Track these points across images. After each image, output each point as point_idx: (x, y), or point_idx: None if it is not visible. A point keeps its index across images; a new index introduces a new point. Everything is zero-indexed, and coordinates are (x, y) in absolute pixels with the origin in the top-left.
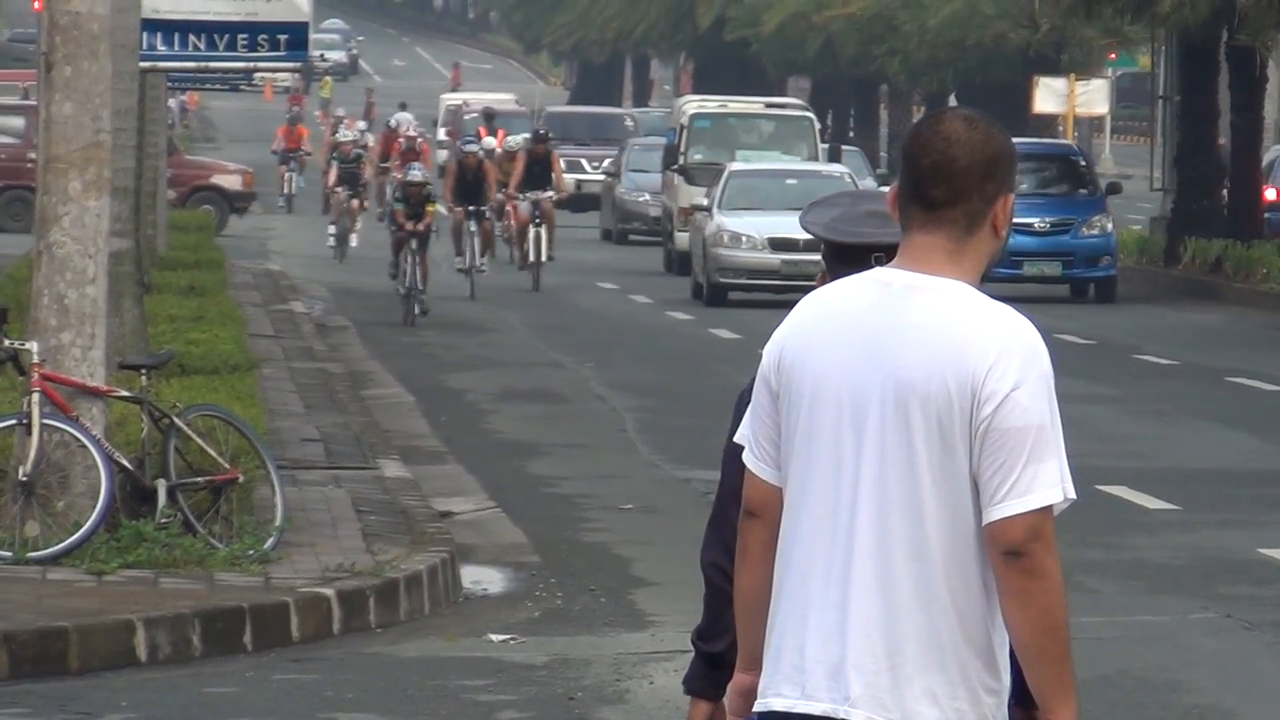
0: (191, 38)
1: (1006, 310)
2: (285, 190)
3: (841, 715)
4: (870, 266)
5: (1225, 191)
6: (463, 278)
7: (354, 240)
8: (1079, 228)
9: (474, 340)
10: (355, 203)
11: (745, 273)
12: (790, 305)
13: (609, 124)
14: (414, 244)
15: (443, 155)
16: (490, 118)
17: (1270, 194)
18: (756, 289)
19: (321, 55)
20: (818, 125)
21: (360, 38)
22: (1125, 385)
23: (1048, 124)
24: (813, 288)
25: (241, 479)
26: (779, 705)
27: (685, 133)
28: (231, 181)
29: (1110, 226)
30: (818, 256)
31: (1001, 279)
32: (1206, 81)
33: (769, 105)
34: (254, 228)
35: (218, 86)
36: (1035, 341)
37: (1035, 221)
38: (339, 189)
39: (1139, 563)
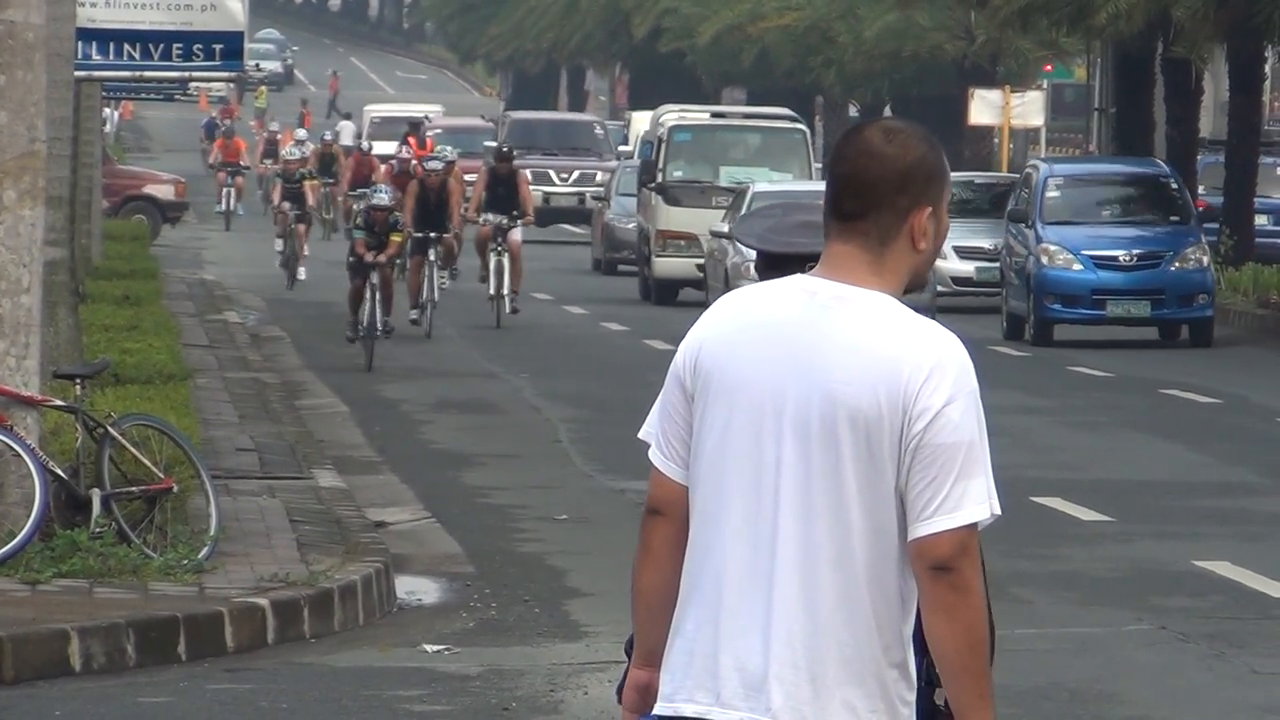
0: (126, 47)
1: (935, 326)
2: (224, 206)
3: None
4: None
5: None
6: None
7: (302, 273)
8: (1170, 261)
9: (409, 350)
10: (302, 227)
11: None
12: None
13: (578, 132)
14: (374, 278)
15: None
16: (416, 126)
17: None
18: None
19: (257, 65)
20: (810, 138)
21: (295, 47)
22: (1057, 396)
23: (983, 136)
24: None
25: (176, 489)
26: (690, 711)
27: (664, 147)
28: (164, 191)
29: (1207, 260)
30: None
31: (1083, 320)
32: (1142, 94)
33: (756, 116)
34: (188, 237)
35: (153, 96)
36: (965, 358)
37: (1120, 255)
38: (284, 205)
39: (1073, 574)
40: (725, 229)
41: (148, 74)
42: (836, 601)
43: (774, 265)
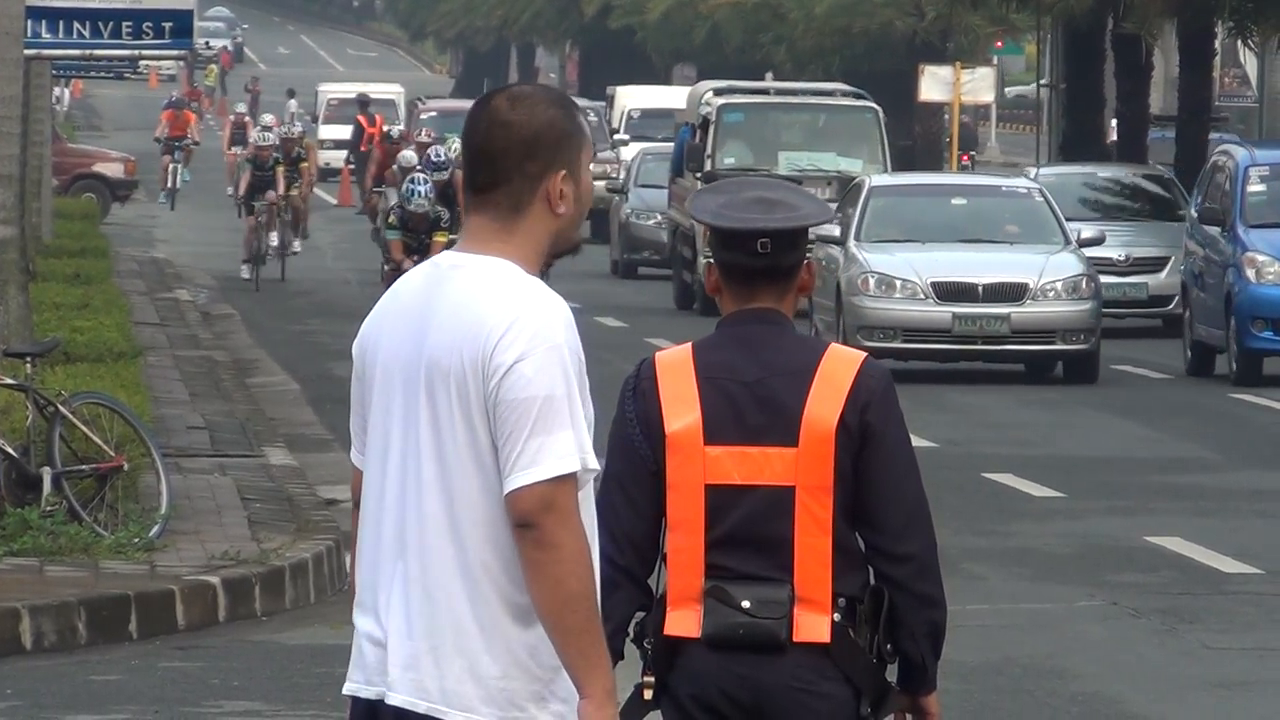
0: (76, 25)
1: (532, 287)
2: (168, 184)
3: (389, 699)
4: (758, 253)
5: None
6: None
7: (298, 245)
8: None
9: (358, 327)
10: (273, 199)
11: (901, 331)
12: (962, 372)
13: None
14: None
15: (329, 157)
16: (365, 105)
17: None
18: (916, 354)
19: (206, 43)
20: (883, 118)
21: (245, 25)
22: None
23: (934, 112)
24: (989, 345)
25: (127, 467)
26: (347, 690)
27: (712, 130)
28: (114, 169)
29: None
30: (1003, 308)
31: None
32: (1092, 69)
33: (818, 93)
34: (138, 215)
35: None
36: (550, 315)
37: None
38: (251, 220)
39: (1025, 550)
40: (836, 232)
41: (97, 52)
42: (452, 569)
43: (727, 243)
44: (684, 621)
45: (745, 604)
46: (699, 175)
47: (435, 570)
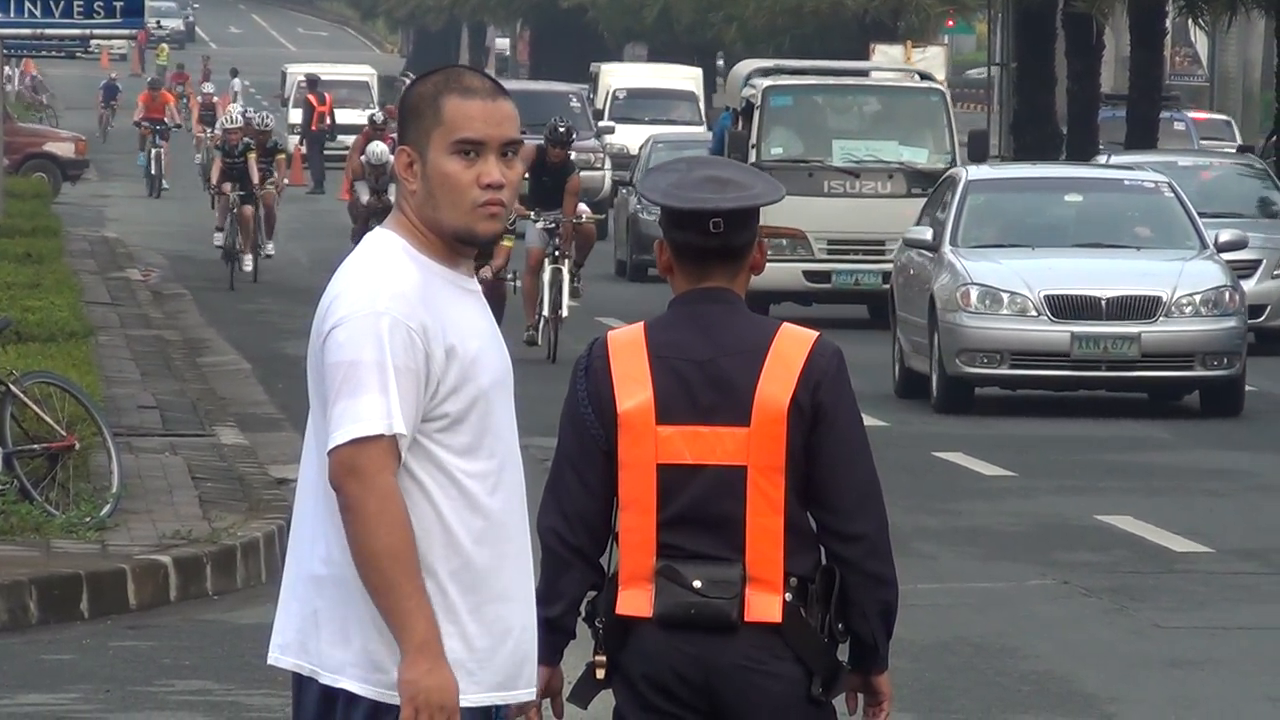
0: (27, 4)
1: (375, 259)
2: (151, 170)
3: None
4: (710, 232)
5: (1063, 158)
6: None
7: (271, 248)
8: None
9: (311, 308)
10: (248, 209)
11: (1008, 355)
12: (1082, 402)
13: (549, 105)
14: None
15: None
16: (314, 84)
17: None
18: (1027, 382)
19: (158, 22)
20: (949, 100)
21: (196, 4)
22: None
23: None
24: (1114, 371)
25: (78, 446)
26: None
27: (758, 115)
28: (64, 149)
29: None
30: (1131, 327)
31: None
32: (1043, 49)
33: (874, 74)
34: (89, 195)
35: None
36: (373, 284)
37: None
38: (225, 187)
39: (976, 529)
40: (927, 235)
41: (49, 31)
42: (320, 532)
43: (678, 222)
44: (636, 601)
45: (696, 583)
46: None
47: (309, 534)
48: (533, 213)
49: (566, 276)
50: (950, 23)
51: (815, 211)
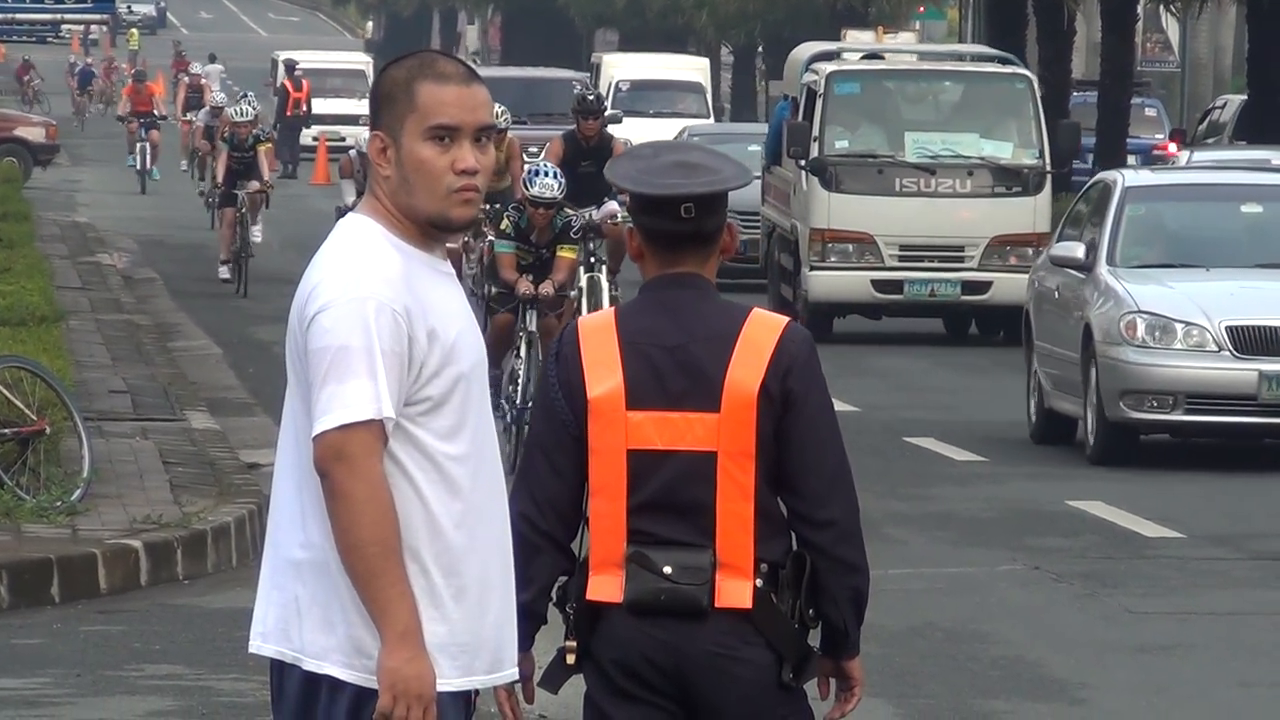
0: None
1: (356, 245)
2: (139, 165)
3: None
4: (681, 218)
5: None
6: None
7: (258, 234)
8: None
9: (281, 292)
10: (255, 198)
11: (1183, 399)
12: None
13: (555, 93)
14: (530, 323)
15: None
16: (291, 69)
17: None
18: (1206, 430)
19: (129, 7)
20: (1036, 87)
21: None
22: (935, 339)
23: None
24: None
25: (49, 430)
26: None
27: (820, 105)
28: (35, 134)
29: None
30: None
31: None
32: (1014, 34)
33: (955, 57)
34: (60, 180)
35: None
36: (357, 269)
37: None
38: (228, 213)
39: (947, 514)
40: (1079, 253)
41: (20, 16)
42: (303, 521)
43: (648, 208)
44: (606, 587)
45: (667, 569)
46: (804, 164)
47: (287, 522)
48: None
49: (605, 285)
50: (921, 8)
51: (885, 213)
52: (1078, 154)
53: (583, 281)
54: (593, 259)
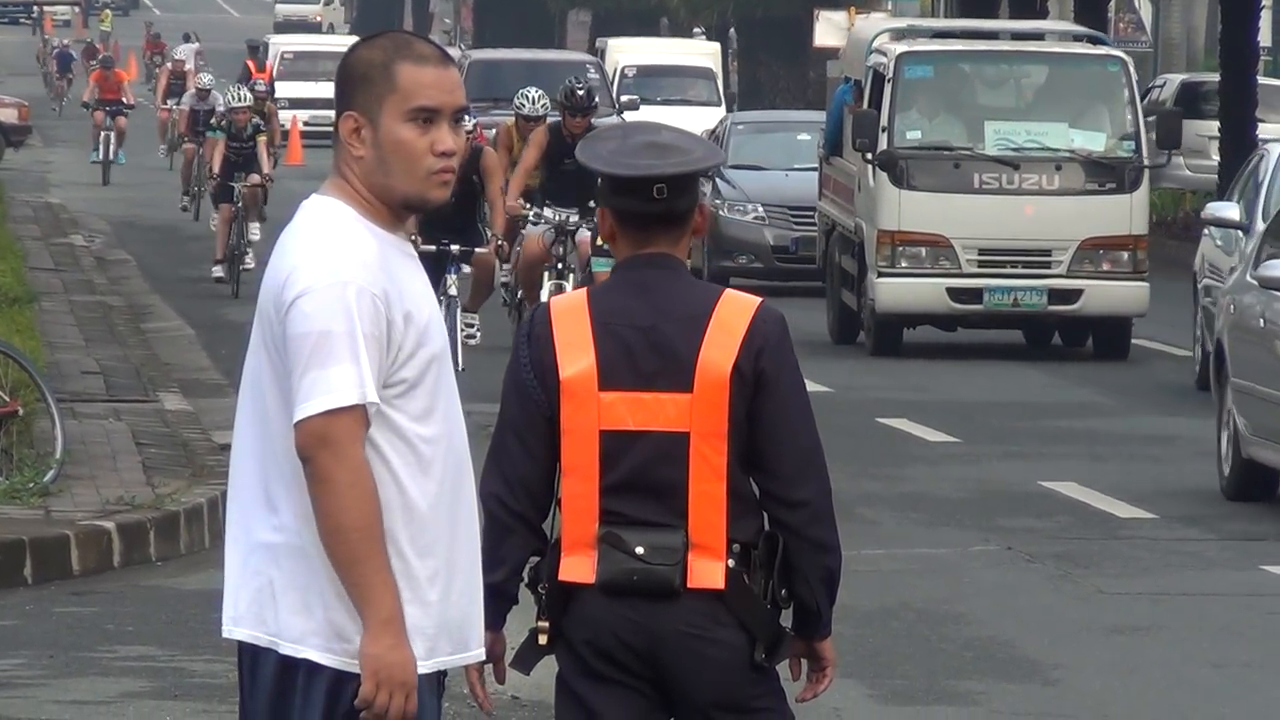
0: None
1: (331, 228)
2: (101, 155)
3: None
4: (654, 198)
5: None
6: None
7: (255, 231)
8: None
9: (254, 273)
10: (256, 191)
11: None
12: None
13: (564, 77)
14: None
15: (285, 118)
16: (255, 50)
17: None
18: None
19: None
20: (1134, 73)
21: None
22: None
23: (829, 57)
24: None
25: (21, 412)
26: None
27: (889, 90)
28: (7, 115)
29: None
30: None
31: None
32: (987, 14)
33: (1035, 37)
34: (32, 161)
35: None
36: (335, 253)
37: None
38: (224, 209)
39: (920, 495)
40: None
41: None
42: (272, 506)
43: (620, 190)
44: (579, 567)
45: (639, 550)
46: (870, 157)
47: (256, 507)
48: (532, 211)
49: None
50: None
51: (963, 213)
52: (1179, 145)
53: (545, 289)
54: (560, 264)
